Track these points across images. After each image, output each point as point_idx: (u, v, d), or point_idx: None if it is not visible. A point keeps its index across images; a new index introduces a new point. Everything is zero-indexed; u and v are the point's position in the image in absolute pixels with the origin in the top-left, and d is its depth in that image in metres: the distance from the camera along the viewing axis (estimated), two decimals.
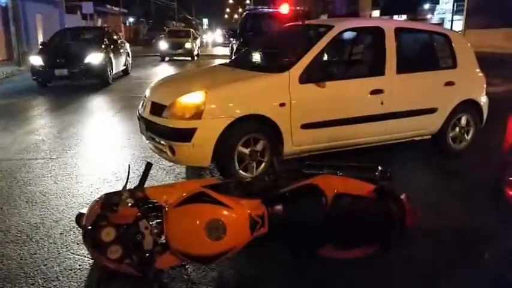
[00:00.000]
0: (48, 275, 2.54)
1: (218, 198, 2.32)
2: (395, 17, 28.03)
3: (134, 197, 2.29)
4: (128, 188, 2.38)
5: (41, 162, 4.67)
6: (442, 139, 4.94)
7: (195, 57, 21.07)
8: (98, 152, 5.09)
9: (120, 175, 4.26)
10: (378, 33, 4.47)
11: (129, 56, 13.26)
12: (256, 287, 2.52)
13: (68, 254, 2.77)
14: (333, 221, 2.33)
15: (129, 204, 2.26)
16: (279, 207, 2.44)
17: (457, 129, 5.00)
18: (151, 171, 4.25)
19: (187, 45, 19.68)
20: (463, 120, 5.01)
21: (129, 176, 2.53)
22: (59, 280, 2.50)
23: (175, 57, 19.81)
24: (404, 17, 29.98)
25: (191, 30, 22.94)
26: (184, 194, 2.35)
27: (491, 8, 17.54)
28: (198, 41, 24.90)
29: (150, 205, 2.33)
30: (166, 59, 19.74)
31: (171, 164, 4.45)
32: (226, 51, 25.18)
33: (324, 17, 25.40)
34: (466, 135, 5.07)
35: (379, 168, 2.55)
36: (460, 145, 5.08)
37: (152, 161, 4.57)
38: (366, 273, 2.55)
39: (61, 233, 3.05)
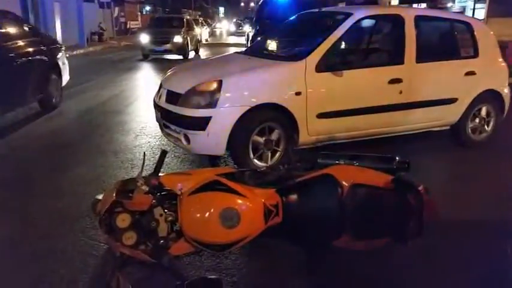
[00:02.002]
0: (64, 260, 2.58)
1: (232, 186, 2.31)
2: (415, 5, 27.41)
3: (149, 184, 2.29)
4: (143, 175, 2.39)
5: (57, 150, 4.73)
6: (461, 130, 4.84)
7: (193, 54, 15.95)
8: (114, 139, 5.12)
9: (136, 162, 4.29)
10: (397, 21, 4.37)
11: (59, 74, 6.80)
12: (269, 276, 2.51)
13: (84, 240, 2.81)
14: (349, 211, 2.30)
15: (144, 192, 2.27)
16: (293, 196, 2.41)
17: (477, 120, 4.90)
18: (166, 159, 4.27)
19: (177, 39, 14.13)
20: (484, 111, 4.90)
21: (145, 164, 2.54)
22: (74, 265, 2.53)
23: (161, 55, 14.55)
24: (424, 5, 29.30)
25: (186, 18, 17.01)
26: (198, 182, 2.34)
27: None
28: (199, 32, 19.50)
29: (165, 193, 2.34)
30: (151, 56, 14.62)
31: (186, 152, 4.46)
32: (240, 40, 25.02)
33: (342, 5, 24.97)
34: (486, 126, 4.96)
35: (397, 158, 2.50)
36: (480, 136, 4.97)
37: (167, 149, 4.63)
38: (379, 265, 2.53)
39: (77, 219, 3.09)
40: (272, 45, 4.86)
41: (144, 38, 14.30)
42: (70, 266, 2.51)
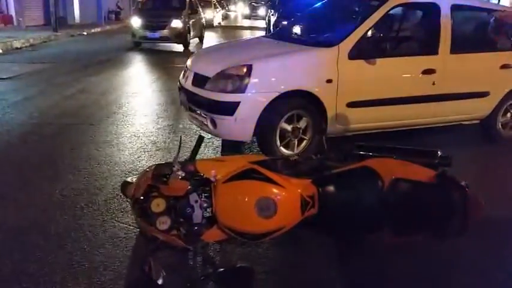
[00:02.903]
0: (94, 242, 2.56)
1: (270, 176, 2.25)
2: None
3: (185, 169, 2.24)
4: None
5: (82, 128, 4.71)
6: (491, 125, 4.71)
7: (196, 42, 13.43)
8: (136, 121, 5.08)
9: (159, 145, 4.25)
10: (433, 9, 4.21)
11: None
12: (301, 267, 2.46)
13: (113, 222, 2.78)
14: (389, 206, 2.23)
15: (180, 177, 2.22)
16: (330, 188, 2.34)
17: (509, 115, 4.75)
18: (189, 144, 4.24)
19: (176, 24, 11.43)
20: None
21: (179, 148, 2.48)
22: (105, 247, 2.51)
23: (156, 44, 12.10)
24: None
25: None
26: (234, 170, 2.29)
27: None
28: (211, 14, 18.82)
29: (200, 179, 2.28)
30: (144, 45, 12.10)
31: (210, 136, 4.39)
32: (255, 23, 24.58)
33: None
34: None
35: (439, 153, 2.41)
36: (511, 132, 4.83)
37: (189, 132, 4.59)
38: (413, 261, 2.47)
39: (105, 200, 3.06)
40: (302, 30, 4.73)
41: (136, 22, 11.57)
42: (101, 249, 2.49)
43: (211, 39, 15.15)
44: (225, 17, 31.17)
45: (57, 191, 3.18)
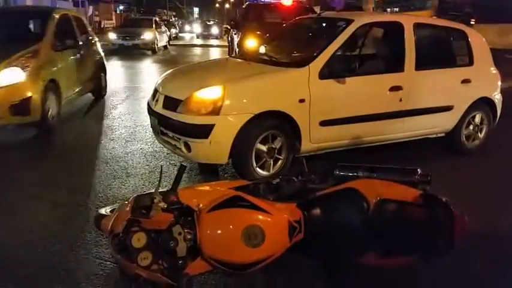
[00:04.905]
0: (69, 281, 2.39)
1: (256, 202, 2.19)
2: (388, 10, 28.00)
3: (167, 200, 2.14)
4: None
5: (45, 155, 4.48)
6: (456, 137, 4.87)
7: (86, 100, 6.84)
8: (102, 147, 4.89)
9: (130, 171, 4.10)
10: (397, 28, 4.35)
11: None
12: None
13: (88, 258, 2.62)
14: (375, 228, 2.22)
15: (162, 209, 2.12)
16: (316, 211, 2.31)
17: (471, 127, 4.93)
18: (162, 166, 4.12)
19: (9, 77, 4.55)
20: (477, 118, 4.94)
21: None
22: (81, 286, 2.35)
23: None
24: (396, 10, 29.79)
25: (62, 13, 6.23)
26: (217, 198, 2.22)
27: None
28: (144, 37, 16.07)
29: (183, 209, 2.19)
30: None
31: (182, 159, 4.29)
32: (208, 42, 24.10)
33: (316, 9, 24.99)
34: (479, 133, 5.01)
35: (419, 171, 2.44)
36: (473, 143, 5.01)
37: (160, 155, 4.46)
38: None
39: (77, 234, 2.89)
40: (272, 50, 4.75)
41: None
42: None
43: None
44: (175, 38, 27.44)
45: (24, 226, 2.97)
